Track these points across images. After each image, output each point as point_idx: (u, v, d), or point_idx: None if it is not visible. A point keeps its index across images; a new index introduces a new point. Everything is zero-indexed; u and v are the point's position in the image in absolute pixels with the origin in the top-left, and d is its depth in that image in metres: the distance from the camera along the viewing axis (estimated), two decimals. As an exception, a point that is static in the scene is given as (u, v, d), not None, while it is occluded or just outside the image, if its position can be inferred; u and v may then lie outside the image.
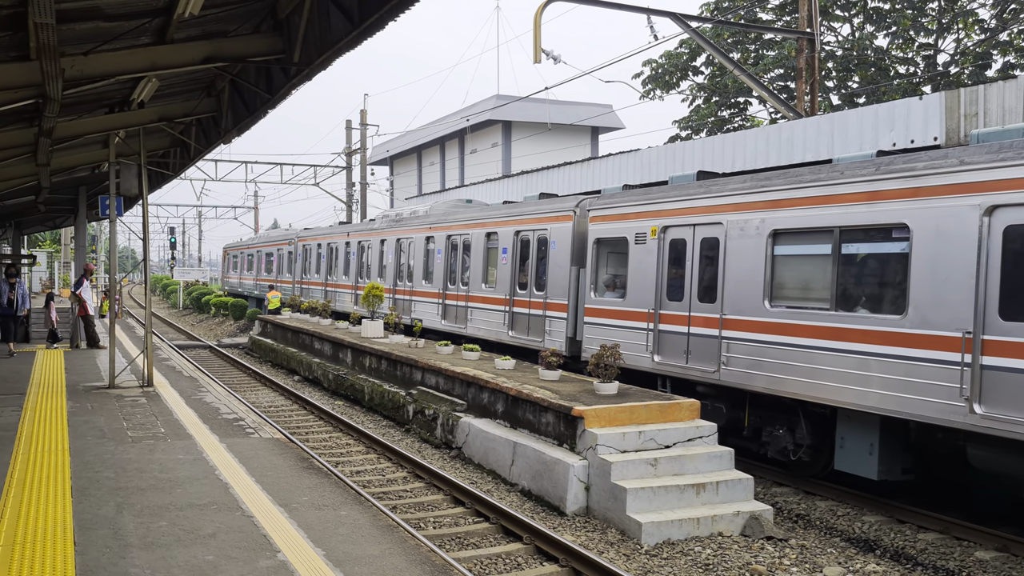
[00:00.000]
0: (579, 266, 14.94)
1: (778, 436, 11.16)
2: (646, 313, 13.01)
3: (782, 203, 10.86)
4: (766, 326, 10.89)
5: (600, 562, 7.53)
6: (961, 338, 8.55)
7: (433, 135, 46.05)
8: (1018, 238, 8.21)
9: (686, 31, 19.93)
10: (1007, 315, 8.22)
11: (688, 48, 33.69)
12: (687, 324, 12.23)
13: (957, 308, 8.63)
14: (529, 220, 16.54)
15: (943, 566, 8.43)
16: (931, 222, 8.98)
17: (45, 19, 5.87)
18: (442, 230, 20.16)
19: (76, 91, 8.94)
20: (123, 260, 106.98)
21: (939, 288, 8.84)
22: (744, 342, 11.17)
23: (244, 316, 39.15)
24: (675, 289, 12.59)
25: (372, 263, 24.93)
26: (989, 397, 8.30)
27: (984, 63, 28.67)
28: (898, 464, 9.90)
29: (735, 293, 11.42)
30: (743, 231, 11.39)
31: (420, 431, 13.78)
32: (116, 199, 13.61)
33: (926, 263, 9.00)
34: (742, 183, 11.59)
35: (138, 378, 14.25)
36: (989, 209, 8.42)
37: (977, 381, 8.40)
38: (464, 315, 18.72)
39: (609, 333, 13.75)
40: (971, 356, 8.45)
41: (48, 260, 47.63)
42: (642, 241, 13.24)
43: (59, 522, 6.59)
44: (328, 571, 5.75)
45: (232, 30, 8.70)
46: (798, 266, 10.79)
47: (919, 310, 9.02)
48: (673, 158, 20.38)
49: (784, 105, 19.91)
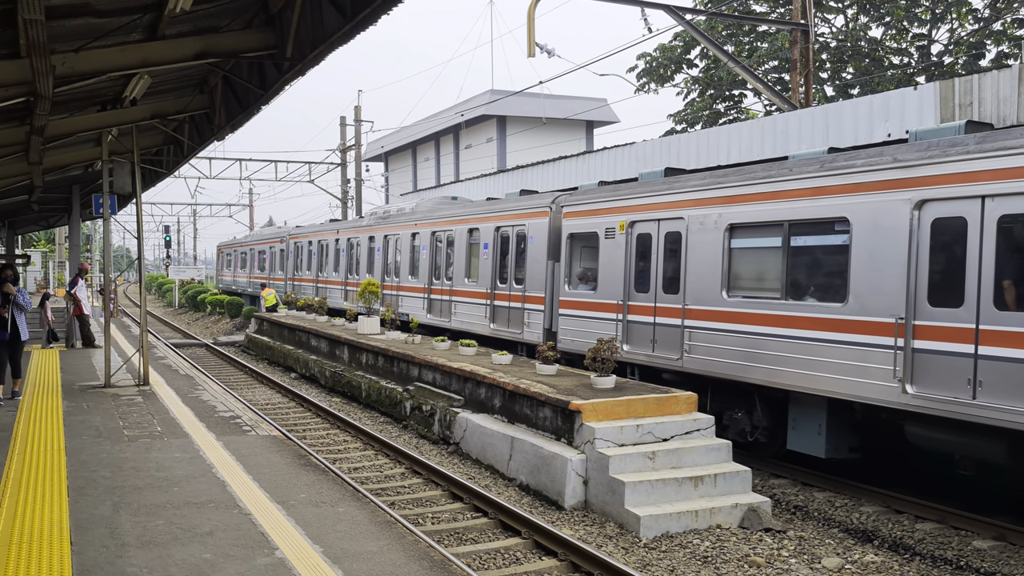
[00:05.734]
0: (555, 260, 15.48)
1: (737, 419, 11.72)
2: (616, 304, 13.58)
3: (738, 199, 11.41)
4: (724, 315, 11.47)
5: (599, 556, 7.53)
6: (894, 324, 9.19)
7: (428, 131, 45.94)
8: (944, 230, 8.87)
9: (680, 23, 19.89)
10: (935, 302, 8.89)
11: (682, 41, 33.64)
12: (653, 315, 12.80)
13: (891, 296, 9.26)
14: (509, 216, 17.03)
15: (941, 555, 8.44)
16: (868, 216, 9.60)
17: (34, 15, 5.81)
18: (427, 226, 20.72)
19: (67, 88, 8.88)
20: (118, 259, 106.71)
21: (876, 277, 9.46)
22: (704, 331, 11.75)
23: (240, 314, 39.10)
24: (642, 281, 13.16)
25: (361, 260, 25.45)
26: (919, 378, 8.95)
27: (978, 53, 28.66)
28: (845, 443, 10.47)
29: (696, 284, 11.99)
30: (703, 225, 11.94)
31: (418, 427, 13.76)
32: (110, 198, 13.55)
33: (864, 254, 9.62)
34: (702, 180, 12.15)
35: (134, 377, 14.20)
36: (919, 203, 9.09)
37: (909, 363, 9.04)
38: (448, 309, 19.24)
39: (582, 324, 14.35)
40: (903, 340, 9.09)
41: (43, 260, 47.51)
42: (611, 236, 13.80)
43: (55, 522, 6.56)
44: (326, 568, 5.73)
45: (224, 25, 8.64)
46: (752, 258, 11.38)
47: (858, 298, 9.64)
48: (668, 151, 20.35)
49: (779, 97, 19.88)
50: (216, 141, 13.00)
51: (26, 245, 48.48)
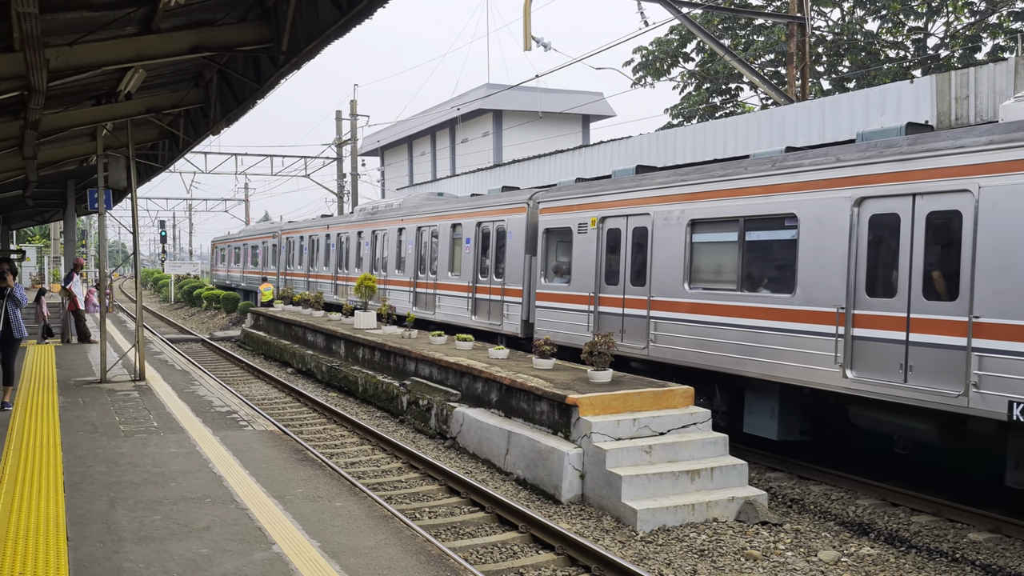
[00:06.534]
0: (532, 254, 16.05)
1: (699, 405, 11.87)
2: (588, 296, 14.18)
3: (698, 196, 12.02)
4: (686, 306, 12.11)
5: (596, 549, 7.54)
6: (836, 313, 9.81)
7: (424, 125, 45.84)
8: (880, 226, 9.50)
9: (676, 17, 19.85)
10: (872, 292, 9.53)
11: (678, 35, 33.59)
12: (622, 306, 13.44)
13: (834, 287, 9.89)
14: (489, 212, 17.58)
15: (937, 548, 8.47)
16: (814, 212, 10.21)
17: (28, 8, 5.77)
18: (413, 222, 21.39)
19: (62, 82, 8.83)
20: (113, 254, 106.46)
21: (820, 270, 10.09)
22: (668, 321, 12.40)
23: (236, 309, 39.08)
24: (612, 274, 13.77)
25: (350, 254, 26.12)
26: (858, 364, 9.57)
27: (974, 46, 28.66)
28: (796, 426, 11.03)
29: (660, 277, 12.60)
30: (667, 221, 12.53)
31: (414, 422, 13.76)
32: (105, 192, 13.52)
33: (810, 248, 10.23)
34: (666, 178, 12.70)
35: (130, 372, 14.18)
36: (858, 201, 9.69)
37: (849, 350, 9.66)
38: (433, 301, 19.88)
39: (557, 316, 14.99)
40: (844, 329, 9.71)
41: (38, 255, 47.38)
42: (584, 231, 14.38)
43: (52, 517, 6.55)
44: (324, 563, 5.72)
45: (219, 19, 8.59)
46: (711, 252, 11.99)
47: (805, 289, 10.28)
48: (665, 145, 20.33)
49: (775, 90, 19.87)
50: (211, 135, 12.95)
51: (21, 240, 48.35)
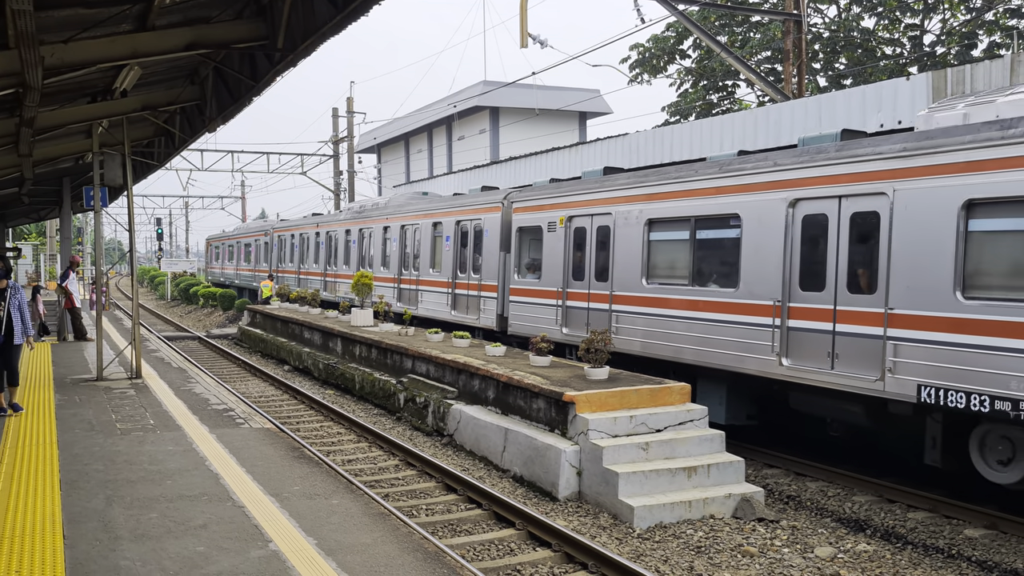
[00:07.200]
0: (506, 251, 16.81)
1: None
2: (557, 291, 14.98)
3: (655, 196, 12.79)
4: (644, 300, 12.88)
5: (593, 546, 7.55)
6: (773, 306, 10.62)
7: (420, 122, 45.79)
8: (812, 226, 10.31)
9: (673, 14, 19.84)
10: (804, 287, 10.35)
11: (675, 32, 33.57)
12: (587, 300, 14.19)
13: (772, 282, 10.71)
14: (467, 211, 18.34)
15: (932, 544, 8.49)
16: (755, 213, 11.00)
17: (22, 6, 5.76)
18: (397, 220, 22.23)
19: (57, 80, 8.81)
20: (109, 252, 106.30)
21: (760, 266, 10.90)
22: (628, 314, 13.19)
23: (233, 307, 39.10)
24: (578, 270, 14.56)
25: (338, 252, 26.92)
26: (792, 352, 10.42)
27: (970, 43, 28.69)
28: (743, 412, 11.79)
29: (621, 273, 13.37)
30: (627, 220, 13.30)
31: (411, 419, 13.76)
32: (101, 190, 13.47)
33: (752, 246, 11.02)
34: (627, 179, 13.47)
35: (126, 370, 14.16)
36: (793, 202, 10.51)
37: (784, 340, 10.50)
38: (415, 297, 20.74)
39: (529, 310, 15.80)
40: (780, 320, 10.54)
41: (34, 253, 47.29)
42: (553, 229, 15.14)
43: (48, 515, 6.54)
44: (320, 560, 5.72)
45: (214, 16, 8.58)
46: (666, 249, 12.76)
47: (747, 284, 11.07)
48: (661, 142, 20.34)
49: (772, 87, 19.87)
50: (207, 133, 12.93)
51: (17, 238, 48.23)
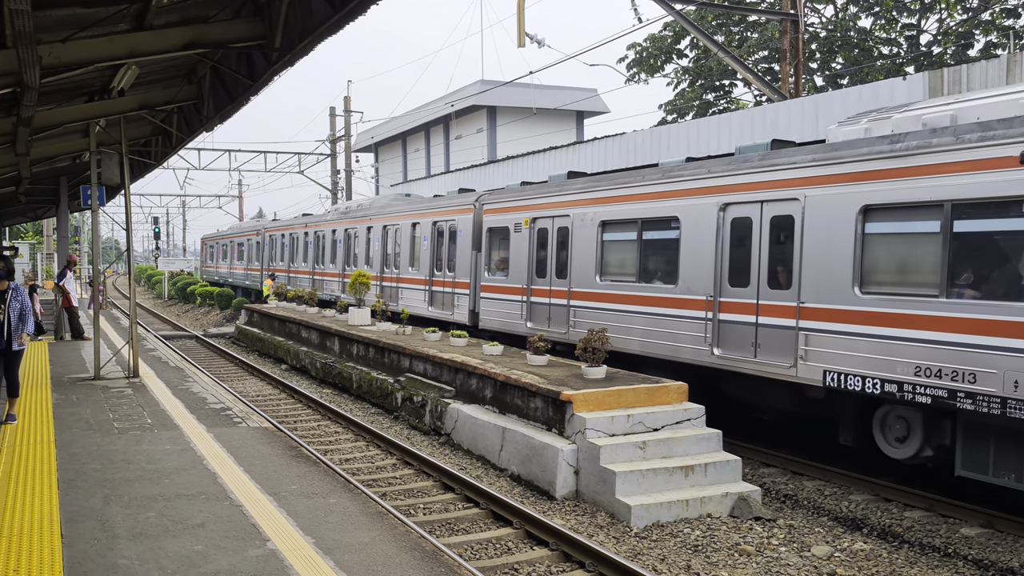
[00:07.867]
0: (477, 250, 17.74)
1: None
2: (522, 288, 15.89)
3: (607, 200, 13.72)
4: (598, 296, 13.81)
5: (590, 545, 7.56)
6: (706, 300, 11.58)
7: (418, 121, 45.78)
8: (739, 228, 11.25)
9: (670, 13, 19.85)
10: (733, 283, 11.29)
11: (672, 31, 33.59)
12: (549, 296, 15.17)
13: (705, 279, 11.65)
14: (443, 212, 19.30)
15: (929, 543, 8.51)
16: (692, 215, 11.95)
17: (20, 5, 5.76)
18: (380, 221, 23.21)
19: (54, 79, 8.81)
20: (106, 251, 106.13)
21: (696, 264, 11.83)
22: (584, 309, 14.15)
23: (230, 305, 39.09)
24: (541, 268, 15.48)
25: (326, 251, 27.81)
26: (722, 342, 11.36)
27: (966, 43, 28.74)
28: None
29: (578, 271, 14.34)
30: (583, 221, 14.26)
31: (409, 418, 13.77)
32: (98, 189, 13.45)
33: (689, 246, 11.95)
34: (584, 184, 14.50)
35: (124, 369, 14.15)
36: (723, 206, 11.45)
37: (715, 331, 11.44)
38: (396, 294, 21.72)
39: (497, 306, 16.72)
40: (712, 313, 11.48)
41: (31, 252, 47.21)
42: (519, 230, 16.08)
43: (46, 515, 6.54)
44: (318, 559, 5.74)
45: (212, 15, 8.58)
46: (617, 249, 13.68)
47: (685, 281, 12.01)
48: (659, 142, 20.36)
49: (769, 87, 19.89)
50: (205, 132, 12.94)
51: (14, 237, 48.16)
